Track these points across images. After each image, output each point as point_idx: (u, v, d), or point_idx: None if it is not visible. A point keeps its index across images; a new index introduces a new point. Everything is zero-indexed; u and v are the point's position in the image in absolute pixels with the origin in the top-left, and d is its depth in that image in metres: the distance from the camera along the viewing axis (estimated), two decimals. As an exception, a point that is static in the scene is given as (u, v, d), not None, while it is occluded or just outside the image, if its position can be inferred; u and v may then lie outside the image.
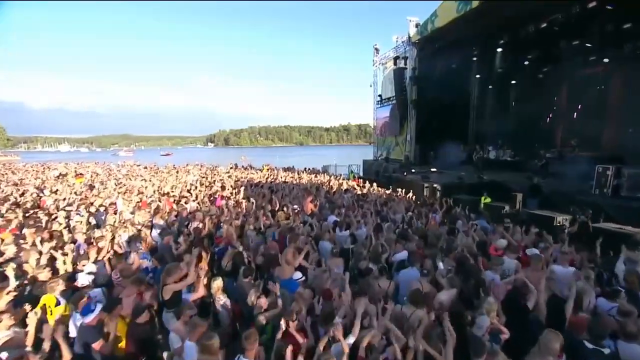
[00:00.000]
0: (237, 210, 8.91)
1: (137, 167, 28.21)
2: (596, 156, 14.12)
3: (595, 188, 10.03)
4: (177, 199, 11.17)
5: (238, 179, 17.08)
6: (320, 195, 11.27)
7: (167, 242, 6.15)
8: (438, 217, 7.81)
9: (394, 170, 19.33)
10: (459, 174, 15.43)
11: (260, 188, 13.76)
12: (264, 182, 16.16)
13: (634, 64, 14.02)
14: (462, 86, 20.48)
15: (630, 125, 14.37)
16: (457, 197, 11.88)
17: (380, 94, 25.53)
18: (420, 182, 13.10)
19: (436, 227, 6.88)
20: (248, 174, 19.81)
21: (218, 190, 13.21)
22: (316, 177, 17.70)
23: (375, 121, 26.94)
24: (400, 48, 21.50)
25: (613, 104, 15.30)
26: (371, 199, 10.76)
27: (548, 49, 16.09)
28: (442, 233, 6.50)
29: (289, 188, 12.98)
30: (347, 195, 11.40)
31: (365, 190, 13.02)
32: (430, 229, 7.10)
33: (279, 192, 12.02)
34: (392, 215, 7.90)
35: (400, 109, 21.74)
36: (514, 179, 13.60)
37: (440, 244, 6.14)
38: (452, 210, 8.86)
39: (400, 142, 22.74)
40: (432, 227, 7.02)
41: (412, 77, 20.34)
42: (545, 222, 8.58)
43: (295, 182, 15.58)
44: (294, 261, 4.45)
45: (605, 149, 14.78)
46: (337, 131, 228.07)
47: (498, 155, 17.17)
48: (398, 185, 14.81)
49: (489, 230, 7.18)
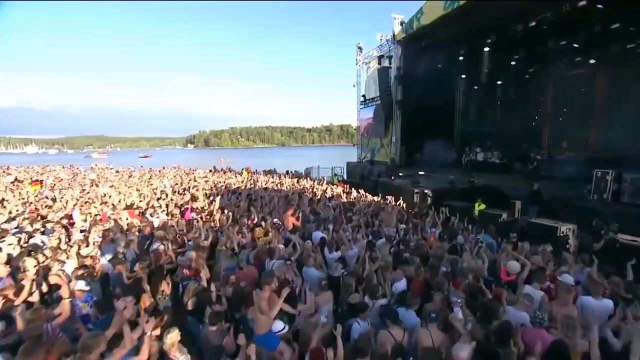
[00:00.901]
0: (209, 224, 7.82)
1: (109, 171, 26.42)
2: (588, 158, 13.85)
3: (594, 193, 9.52)
4: (143, 210, 9.94)
5: (215, 185, 15.88)
6: (304, 204, 10.30)
7: (119, 271, 5.03)
8: (437, 232, 7.00)
9: (379, 174, 18.58)
10: (449, 177, 14.81)
11: (238, 196, 12.65)
12: (242, 188, 15.06)
13: (620, 65, 13.81)
14: (448, 86, 20.08)
15: (617, 127, 14.13)
16: (449, 204, 11.19)
17: (364, 94, 24.78)
18: (409, 188, 12.34)
19: (438, 245, 6.04)
20: (226, 178, 18.63)
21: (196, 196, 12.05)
22: (299, 182, 16.70)
23: (359, 122, 26.17)
24: (384, 47, 20.78)
25: (600, 104, 15.06)
26: (359, 207, 9.88)
27: (535, 49, 15.73)
28: (444, 253, 5.65)
29: (269, 196, 11.93)
30: (333, 203, 10.48)
31: (352, 197, 12.14)
32: (430, 246, 6.28)
33: (258, 200, 10.97)
34: (384, 229, 7.02)
35: (385, 110, 21.03)
36: (506, 182, 13.08)
37: (443, 267, 5.31)
38: (450, 222, 8.07)
39: (386, 143, 22.05)
40: (433, 245, 6.18)
41: (397, 77, 19.67)
42: (547, 233, 7.91)
43: (277, 188, 14.53)
44: (270, 310, 3.45)
45: (592, 150, 14.52)
46: (319, 132, 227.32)
47: (486, 157, 16.70)
48: (386, 190, 14.03)
49: (494, 246, 6.43)
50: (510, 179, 14.02)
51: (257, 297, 3.62)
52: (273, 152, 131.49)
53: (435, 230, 7.02)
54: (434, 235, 6.80)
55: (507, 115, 19.12)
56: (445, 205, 11.26)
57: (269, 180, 17.52)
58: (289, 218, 7.05)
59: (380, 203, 10.20)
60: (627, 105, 13.25)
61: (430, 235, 6.87)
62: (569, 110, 16.21)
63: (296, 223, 7.00)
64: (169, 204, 10.71)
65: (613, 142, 13.50)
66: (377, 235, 6.86)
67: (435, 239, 6.73)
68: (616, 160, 12.36)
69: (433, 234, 6.85)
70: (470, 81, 20.43)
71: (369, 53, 23.50)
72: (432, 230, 7.03)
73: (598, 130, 14.51)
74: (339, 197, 11.86)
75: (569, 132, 15.62)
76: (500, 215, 9.36)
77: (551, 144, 16.38)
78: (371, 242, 6.43)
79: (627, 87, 13.40)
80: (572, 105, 15.95)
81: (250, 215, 8.57)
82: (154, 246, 6.39)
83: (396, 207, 9.55)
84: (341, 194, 12.48)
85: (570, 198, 9.86)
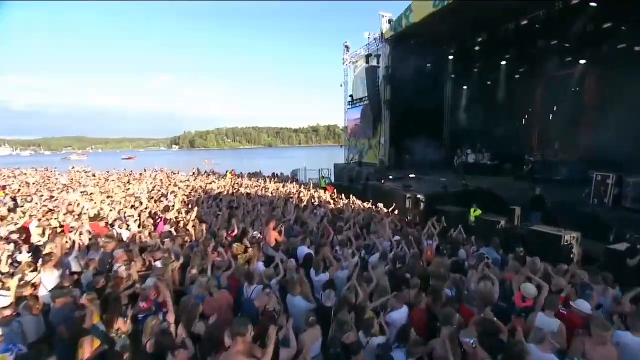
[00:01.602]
0: (182, 239, 6.99)
1: (86, 175, 25.02)
2: (581, 160, 13.58)
3: (594, 198, 9.08)
4: (113, 220, 8.98)
5: (195, 190, 14.95)
6: (289, 212, 9.55)
7: (61, 304, 4.15)
8: (434, 245, 6.35)
9: (368, 177, 18.00)
10: (440, 180, 14.31)
11: (219, 203, 11.81)
12: (225, 193, 14.20)
13: (612, 65, 13.53)
14: (437, 86, 19.66)
15: (609, 128, 13.88)
16: (443, 209, 10.65)
17: (351, 95, 24.18)
18: (401, 192, 11.73)
19: (438, 262, 5.38)
20: (208, 182, 17.66)
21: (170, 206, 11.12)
22: (284, 186, 15.92)
23: (347, 123, 25.55)
24: (372, 45, 20.22)
25: (591, 105, 14.80)
26: (349, 215, 9.18)
27: (526, 49, 15.40)
28: (447, 272, 4.99)
29: (252, 203, 11.14)
30: (321, 212, 9.76)
31: (341, 203, 11.44)
32: (430, 262, 5.64)
33: (241, 208, 10.15)
34: (377, 242, 6.33)
35: (374, 110, 20.47)
36: (499, 185, 12.64)
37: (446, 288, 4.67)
38: (449, 232, 7.44)
39: (374, 145, 21.47)
40: (432, 262, 5.52)
41: (385, 77, 19.11)
42: (550, 242, 7.38)
43: (261, 194, 13.74)
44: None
45: (585, 152, 14.23)
46: (306, 132, 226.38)
47: (477, 159, 16.30)
48: (376, 195, 13.41)
49: (500, 262, 5.82)
50: (503, 182, 13.62)
51: (228, 352, 2.86)
52: (260, 153, 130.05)
53: (432, 243, 6.37)
54: (431, 249, 6.15)
55: (497, 116, 18.80)
56: (438, 210, 10.75)
57: (253, 184, 16.70)
58: (270, 232, 6.28)
59: (372, 210, 9.54)
60: (620, 106, 12.96)
61: (427, 249, 6.22)
62: (560, 110, 15.91)
63: (279, 238, 6.25)
64: (142, 213, 9.80)
65: (606, 143, 13.18)
66: (370, 250, 6.18)
67: (433, 253, 6.09)
68: (610, 162, 12.05)
69: (430, 248, 6.20)
70: (460, 81, 20.10)
71: (356, 52, 22.93)
72: (429, 244, 6.38)
73: (590, 132, 14.20)
74: (327, 203, 11.15)
75: (561, 133, 15.33)
76: (498, 222, 8.81)
77: (542, 145, 16.08)
78: (364, 260, 5.74)
79: (620, 87, 13.13)
80: (564, 106, 15.65)
81: (230, 227, 7.77)
82: (115, 268, 5.55)
83: (389, 216, 8.89)
84: (329, 200, 11.78)
85: (571, 203, 9.38)
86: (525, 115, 17.85)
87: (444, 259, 5.70)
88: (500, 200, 11.13)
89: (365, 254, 6.12)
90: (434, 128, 19.66)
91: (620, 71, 13.04)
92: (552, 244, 7.36)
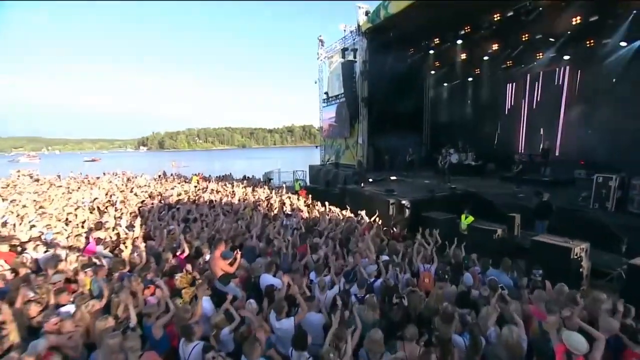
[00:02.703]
0: (115, 266, 5.46)
1: (30, 179, 22.27)
2: (569, 160, 13.13)
3: (594, 202, 8.30)
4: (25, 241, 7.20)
5: (152, 197, 13.21)
6: (255, 224, 8.16)
7: None
8: (433, 270, 5.16)
9: (346, 179, 16.91)
10: (424, 182, 13.41)
11: (175, 213, 10.21)
12: (185, 200, 12.57)
13: (597, 61, 13.07)
14: (417, 82, 18.92)
15: (598, 125, 13.47)
16: (430, 216, 9.62)
17: (326, 92, 23.04)
18: (383, 197, 10.61)
19: (439, 294, 4.19)
20: (168, 188, 15.87)
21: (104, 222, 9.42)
22: (254, 191, 14.45)
23: (322, 122, 24.35)
24: (348, 39, 19.13)
25: (578, 102, 14.32)
26: (324, 227, 7.91)
27: (510, 43, 14.82)
28: (453, 308, 3.79)
29: (214, 213, 9.64)
30: (293, 222, 8.43)
31: (316, 212, 10.15)
32: (426, 292, 4.46)
33: (199, 222, 8.64)
34: (360, 268, 5.08)
35: (350, 108, 19.39)
36: (486, 187, 11.81)
37: (455, 335, 3.49)
38: (447, 250, 6.29)
39: (351, 145, 20.41)
40: (432, 293, 4.32)
41: (362, 72, 18.06)
42: (559, 255, 6.44)
43: (227, 201, 12.22)
44: None
45: (572, 151, 13.79)
46: (280, 133, 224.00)
47: (460, 159, 15.54)
48: (355, 200, 12.23)
49: (512, 286, 4.72)
50: (489, 183, 12.85)
51: None
52: (233, 154, 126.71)
53: (430, 268, 5.18)
54: (429, 275, 4.98)
55: (480, 114, 18.31)
56: (425, 217, 9.72)
57: (219, 189, 15.09)
58: (217, 262, 4.81)
59: (352, 221, 8.30)
60: (608, 102, 12.52)
61: (424, 275, 5.04)
62: (546, 107, 15.39)
63: (227, 269, 4.80)
64: (75, 229, 8.09)
65: (595, 142, 12.73)
66: (351, 276, 4.92)
67: (432, 280, 4.93)
68: (601, 162, 11.66)
69: (428, 273, 5.03)
70: (441, 77, 19.42)
71: (331, 46, 21.81)
72: (426, 269, 5.18)
73: (579, 130, 13.72)
74: (300, 211, 9.83)
75: (548, 132, 14.88)
76: (494, 230, 7.83)
77: (528, 144, 15.55)
78: (346, 292, 4.48)
79: (607, 83, 12.68)
80: (550, 103, 15.18)
81: (180, 248, 6.29)
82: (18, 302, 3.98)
83: (372, 226, 7.70)
84: (302, 208, 10.46)
85: (569, 209, 8.57)
86: (509, 113, 17.28)
87: (446, 288, 4.54)
88: (490, 205, 10.26)
89: (346, 282, 4.87)
90: (414, 126, 19.06)
91: (607, 67, 12.59)
92: (559, 257, 6.43)
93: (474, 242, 8.26)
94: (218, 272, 4.67)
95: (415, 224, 9.78)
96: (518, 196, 10.33)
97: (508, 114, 17.15)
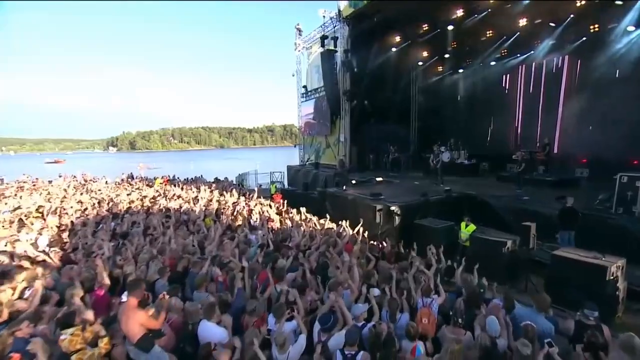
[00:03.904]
0: None
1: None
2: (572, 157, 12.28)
3: (618, 206, 7.25)
4: None
5: (95, 206, 11.46)
6: (212, 238, 6.69)
7: None
8: (435, 306, 3.85)
9: (326, 181, 15.63)
10: (413, 183, 12.27)
11: (118, 224, 8.60)
12: (139, 207, 10.96)
13: (599, 48, 12.23)
14: (404, 74, 17.76)
15: (591, 121, 12.69)
16: (423, 225, 8.41)
17: (305, 85, 21.68)
18: (368, 202, 9.30)
19: (458, 354, 2.90)
20: (118, 194, 14.10)
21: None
22: (221, 195, 12.90)
23: (301, 119, 22.97)
24: (328, 26, 17.84)
25: (572, 95, 13.51)
26: (297, 241, 6.51)
27: (505, 30, 13.86)
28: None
29: (165, 226, 8.07)
30: (259, 235, 6.99)
31: (288, 223, 8.71)
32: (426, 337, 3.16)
33: (140, 237, 7.06)
34: (343, 310, 3.71)
35: (330, 103, 18.09)
36: (483, 188, 10.68)
37: None
38: (455, 273, 4.96)
39: (332, 143, 19.14)
40: (445, 350, 3.01)
41: (344, 62, 16.77)
42: (590, 275, 5.29)
43: (187, 208, 10.66)
44: None
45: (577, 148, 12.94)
46: (261, 132, 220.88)
47: (452, 157, 14.49)
48: (336, 206, 10.95)
49: (552, 333, 3.47)
50: (487, 184, 11.78)
51: None
52: (210, 155, 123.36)
53: (433, 304, 3.84)
54: (428, 313, 3.66)
55: (472, 108, 17.44)
56: (418, 226, 8.50)
57: (182, 194, 13.45)
58: (132, 314, 3.21)
59: (331, 234, 6.87)
60: (607, 94, 11.71)
61: (422, 313, 3.72)
62: (546, 101, 14.53)
63: (149, 324, 3.27)
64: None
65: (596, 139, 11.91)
66: (329, 324, 3.54)
67: (435, 321, 3.63)
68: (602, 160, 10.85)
69: (427, 310, 3.71)
70: (430, 68, 18.38)
71: (310, 35, 20.46)
72: (426, 302, 3.85)
73: (583, 124, 12.88)
74: (270, 221, 8.38)
75: (547, 127, 14.02)
76: (503, 242, 6.64)
77: (525, 141, 14.66)
78: (324, 348, 3.12)
79: (610, 73, 11.87)
80: (550, 96, 14.32)
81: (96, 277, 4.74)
82: None
83: (356, 242, 6.32)
84: (274, 217, 9.01)
85: (591, 214, 7.44)
86: (504, 107, 16.35)
87: (459, 335, 3.24)
88: (491, 210, 9.13)
89: (322, 329, 3.50)
90: (401, 122, 17.98)
91: (614, 54, 11.73)
92: (591, 277, 5.28)
93: (476, 256, 7.09)
94: (135, 331, 3.15)
95: (406, 233, 8.58)
96: (522, 199, 9.20)
97: (502, 109, 16.23)
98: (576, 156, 12.74)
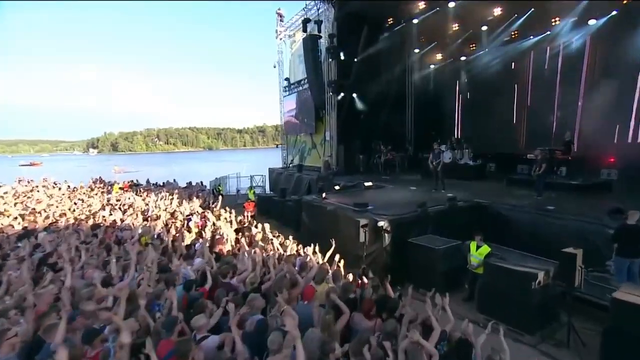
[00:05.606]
0: None
1: None
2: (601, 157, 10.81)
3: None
4: None
5: (24, 218, 9.75)
6: (127, 275, 4.94)
7: None
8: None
9: (310, 186, 14.08)
10: (409, 190, 10.64)
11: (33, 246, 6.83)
12: (72, 222, 9.24)
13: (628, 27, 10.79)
14: (398, 63, 16.25)
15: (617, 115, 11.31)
16: (419, 245, 6.75)
17: (287, 77, 20.05)
18: (351, 217, 7.58)
19: None
20: (62, 201, 12.37)
21: None
22: (180, 205, 11.17)
23: (283, 115, 21.34)
24: (311, 8, 16.30)
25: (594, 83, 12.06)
26: (244, 276, 4.78)
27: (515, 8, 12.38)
28: None
29: (81, 248, 6.28)
30: (196, 265, 5.26)
31: (248, 240, 6.98)
32: None
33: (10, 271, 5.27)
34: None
35: (315, 95, 16.50)
36: (499, 196, 9.01)
37: None
38: (472, 351, 3.24)
39: (319, 142, 17.62)
40: None
41: (328, 49, 15.24)
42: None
43: (128, 223, 8.92)
44: None
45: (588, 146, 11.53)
46: (251, 133, 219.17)
47: (454, 157, 12.92)
48: (312, 218, 9.27)
49: None
50: (498, 191, 10.16)
51: None
52: (197, 157, 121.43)
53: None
54: None
55: (476, 101, 16.16)
56: (414, 246, 6.84)
57: (131, 204, 11.72)
58: None
59: (290, 268, 5.03)
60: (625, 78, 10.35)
61: None
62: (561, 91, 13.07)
63: None
64: None
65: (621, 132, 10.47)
66: None
67: None
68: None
69: None
70: (427, 54, 17.00)
71: (292, 20, 18.88)
72: None
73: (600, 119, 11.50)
74: (220, 244, 6.63)
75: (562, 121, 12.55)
76: (533, 275, 4.96)
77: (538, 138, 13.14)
78: None
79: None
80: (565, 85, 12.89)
81: None
82: None
83: (323, 279, 4.55)
84: (229, 234, 7.27)
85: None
86: (512, 99, 14.88)
87: None
88: (508, 224, 7.48)
89: None
90: (394, 117, 16.59)
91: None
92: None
93: (492, 290, 5.49)
94: None
95: (399, 256, 6.92)
96: (546, 209, 7.53)
97: (510, 100, 14.73)
98: (601, 155, 11.24)
